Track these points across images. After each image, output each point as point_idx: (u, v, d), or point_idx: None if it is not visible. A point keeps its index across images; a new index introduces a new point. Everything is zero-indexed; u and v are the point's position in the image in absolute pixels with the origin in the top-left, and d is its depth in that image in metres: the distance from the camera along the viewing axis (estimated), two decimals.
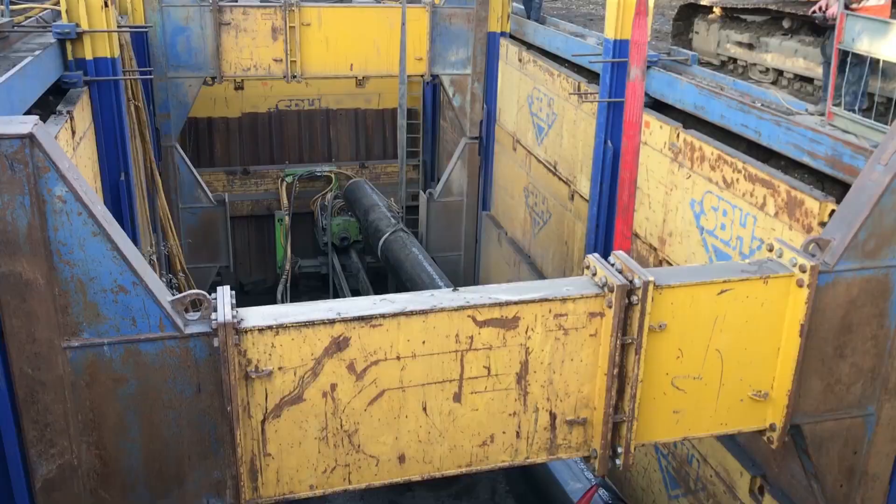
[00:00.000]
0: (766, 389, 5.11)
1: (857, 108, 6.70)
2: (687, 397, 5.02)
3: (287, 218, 15.80)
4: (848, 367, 5.20)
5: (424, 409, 4.63)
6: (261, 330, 4.13)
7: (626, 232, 8.55)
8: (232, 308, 4.10)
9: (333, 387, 4.38)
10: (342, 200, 16.19)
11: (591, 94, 10.03)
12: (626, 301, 4.61)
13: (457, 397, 4.68)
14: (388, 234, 13.41)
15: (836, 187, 6.50)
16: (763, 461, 7.23)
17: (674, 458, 8.55)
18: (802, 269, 4.78)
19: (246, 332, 4.11)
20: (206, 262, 13.79)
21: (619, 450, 4.98)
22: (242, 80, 16.33)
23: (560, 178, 11.30)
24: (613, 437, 4.97)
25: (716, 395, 5.06)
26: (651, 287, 4.58)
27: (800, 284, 4.80)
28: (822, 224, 6.20)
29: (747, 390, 5.09)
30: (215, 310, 4.08)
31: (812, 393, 5.17)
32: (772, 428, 5.19)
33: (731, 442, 7.60)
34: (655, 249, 8.76)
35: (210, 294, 4.19)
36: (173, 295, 4.08)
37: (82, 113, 7.83)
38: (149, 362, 4.01)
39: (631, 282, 4.59)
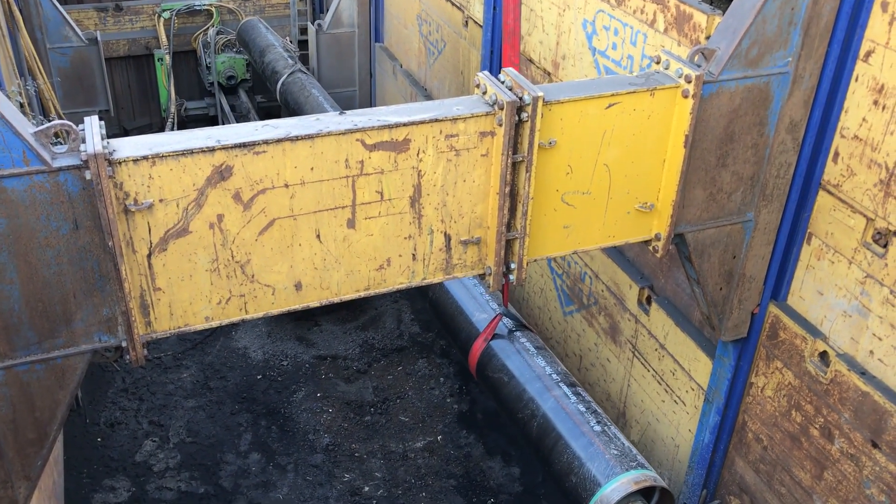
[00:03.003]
0: (652, 201, 5.27)
1: None
2: (576, 212, 5.13)
3: (168, 57, 14.88)
4: (729, 176, 5.39)
5: (318, 236, 4.58)
6: (136, 161, 3.92)
7: (514, 58, 8.42)
8: (102, 139, 3.86)
9: (220, 218, 4.26)
10: (225, 36, 15.31)
11: None
12: (517, 118, 4.57)
13: (350, 223, 4.64)
14: (285, 76, 12.84)
15: (725, 2, 6.49)
16: (650, 273, 7.61)
17: (568, 277, 8.90)
18: (688, 80, 4.82)
19: (120, 163, 3.89)
20: (83, 106, 12.98)
21: (513, 266, 5.11)
22: None
23: (453, 4, 10.93)
24: (507, 254, 5.07)
25: (604, 208, 5.19)
26: (540, 103, 4.54)
27: (685, 95, 4.86)
28: (710, 38, 6.23)
29: (634, 203, 5.24)
30: (84, 141, 3.84)
31: (695, 202, 5.36)
32: (657, 238, 5.41)
33: (620, 257, 7.94)
34: (549, 74, 8.69)
35: (78, 126, 3.92)
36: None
37: None
38: (17, 199, 3.77)
39: (521, 98, 4.54)
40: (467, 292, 7.76)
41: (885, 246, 5.26)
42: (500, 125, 4.57)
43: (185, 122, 15.51)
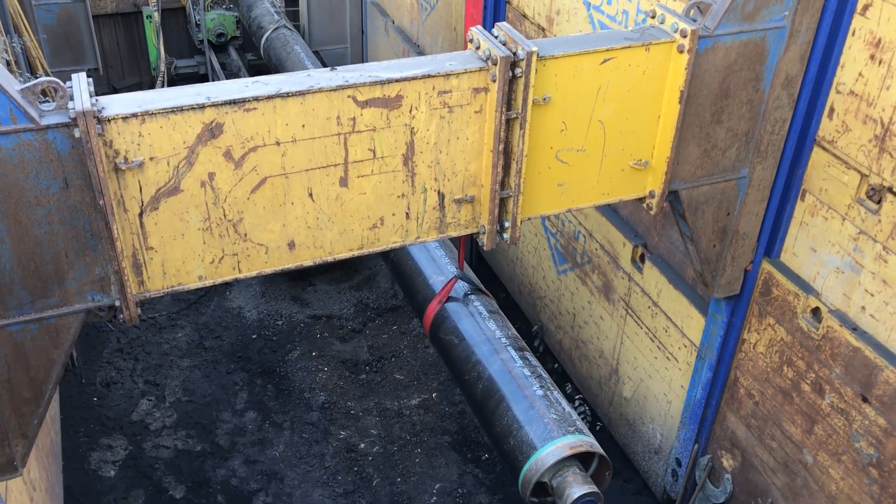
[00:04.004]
0: (647, 158, 5.24)
1: None
2: (571, 170, 5.10)
3: (156, 14, 14.64)
4: (724, 133, 5.36)
5: (311, 195, 4.55)
6: (125, 118, 3.87)
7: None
8: (91, 96, 3.80)
9: (212, 176, 4.22)
10: None
11: None
12: (511, 74, 4.52)
13: (343, 182, 4.60)
14: (269, 32, 12.67)
15: None
16: (644, 231, 7.61)
17: (562, 236, 8.90)
18: (683, 34, 4.76)
19: (109, 121, 3.84)
20: (71, 65, 12.81)
21: (507, 224, 5.09)
22: None
23: None
24: (500, 212, 5.06)
25: (598, 166, 5.16)
26: (534, 58, 4.48)
27: (680, 50, 4.80)
28: None
29: (628, 160, 5.21)
30: (72, 98, 3.78)
31: (690, 159, 5.34)
32: (651, 195, 5.39)
33: (614, 215, 7.93)
34: (543, 29, 8.59)
35: (65, 83, 3.86)
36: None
37: None
38: (5, 158, 3.72)
39: (515, 53, 4.48)
40: (427, 254, 7.74)
41: (878, 202, 5.26)
42: (494, 81, 4.51)
43: (175, 81, 15.32)
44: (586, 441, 5.80)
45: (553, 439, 5.77)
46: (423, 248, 7.85)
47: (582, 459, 5.90)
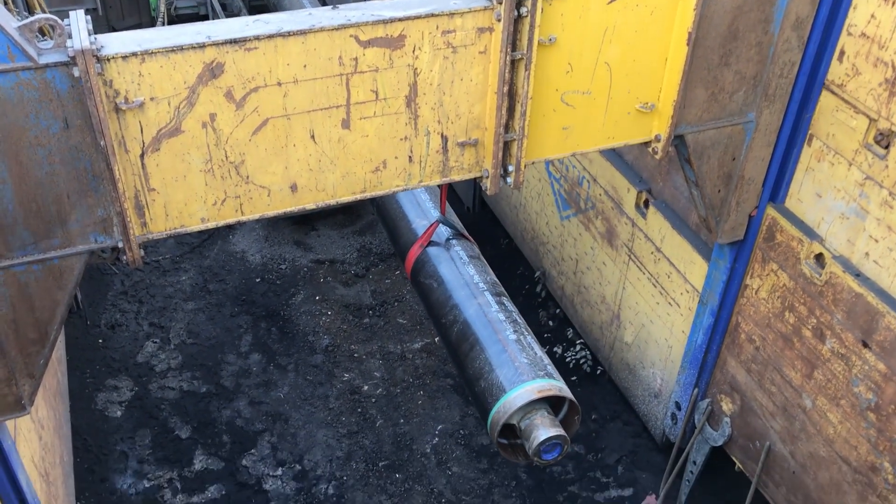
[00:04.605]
0: (653, 101, 5.18)
1: None
2: (576, 113, 5.04)
3: None
4: (732, 76, 5.28)
5: (312, 136, 4.52)
6: (125, 57, 3.82)
7: None
8: (89, 34, 3.75)
9: (213, 117, 4.18)
10: None
11: None
12: (516, 14, 4.44)
13: (345, 123, 4.56)
14: None
15: None
16: (648, 177, 7.56)
17: (566, 181, 8.86)
18: None
19: (108, 60, 3.79)
20: (69, 5, 12.58)
21: (511, 168, 5.05)
22: None
23: None
24: (504, 156, 5.01)
25: (604, 109, 5.10)
26: None
27: None
28: None
29: (634, 103, 5.15)
30: (70, 37, 3.72)
31: (696, 102, 5.27)
32: (657, 139, 5.34)
33: (619, 160, 7.88)
34: None
35: (63, 21, 3.79)
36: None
37: None
38: (4, 97, 3.68)
39: None
40: (412, 198, 7.70)
41: (886, 147, 5.20)
42: (499, 20, 4.43)
43: (175, 22, 15.07)
44: (555, 385, 5.82)
45: (522, 383, 5.79)
46: (408, 191, 7.79)
47: (554, 404, 5.95)
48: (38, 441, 6.17)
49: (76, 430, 8.33)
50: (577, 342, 9.39)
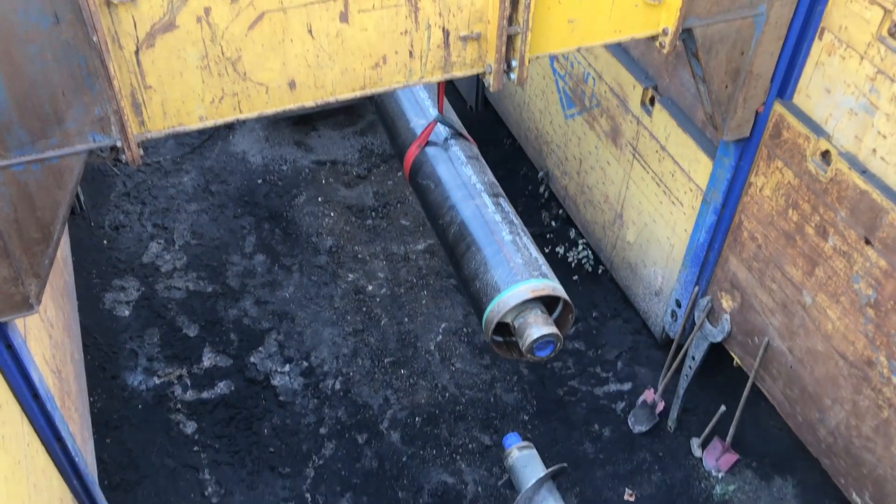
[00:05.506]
0: None
1: None
2: (581, 5, 4.89)
3: None
4: None
5: (310, 31, 4.40)
6: None
7: None
8: None
9: (207, 11, 4.06)
10: None
11: None
12: None
13: (343, 17, 4.43)
14: None
15: None
16: (655, 73, 7.41)
17: (570, 78, 8.69)
18: None
19: None
20: None
21: (514, 63, 4.94)
22: None
23: None
24: (508, 51, 4.90)
25: (610, 1, 4.95)
26: None
27: None
28: None
29: None
30: None
31: None
32: (664, 33, 5.20)
33: (625, 56, 7.70)
34: None
35: None
36: None
37: None
38: None
39: None
40: (411, 97, 7.55)
41: None
42: None
43: None
44: (549, 284, 5.86)
45: (517, 282, 5.84)
46: (407, 89, 7.65)
47: (549, 304, 6.00)
48: (49, 339, 6.28)
49: (85, 329, 8.47)
50: (580, 242, 9.43)
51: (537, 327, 5.68)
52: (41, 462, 5.39)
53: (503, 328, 6.03)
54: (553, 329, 5.70)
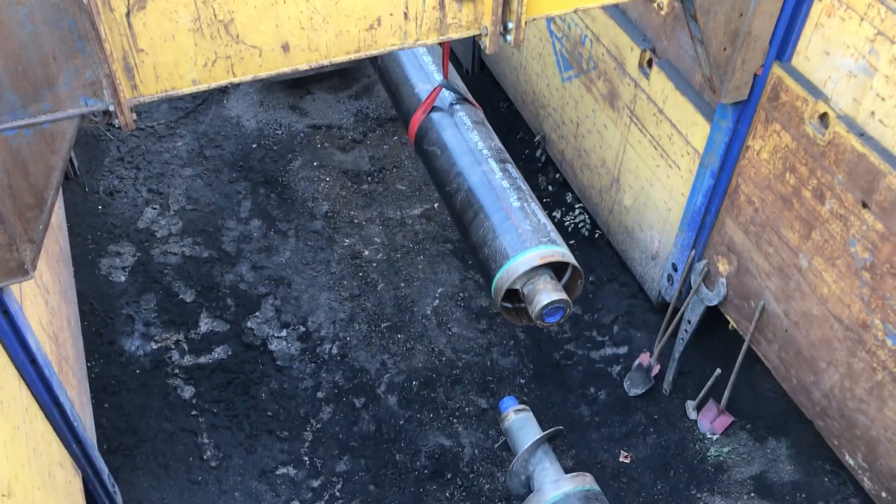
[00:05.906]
0: None
1: None
2: None
3: None
4: None
5: None
6: None
7: None
8: None
9: None
10: None
11: None
12: None
13: None
14: None
15: None
16: (653, 35, 7.34)
17: (568, 41, 8.61)
18: None
19: None
20: None
21: (511, 25, 4.88)
22: None
23: None
24: (504, 12, 4.83)
25: None
26: None
27: None
28: None
29: None
30: None
31: None
32: None
33: (623, 18, 7.62)
34: None
35: None
36: None
37: None
38: None
39: None
40: (415, 60, 7.45)
41: None
42: None
43: None
44: (558, 251, 5.87)
45: (526, 249, 5.84)
46: (411, 54, 7.58)
47: (557, 269, 6.01)
48: (45, 305, 6.28)
49: (82, 295, 8.47)
50: (577, 206, 9.41)
51: (547, 293, 5.70)
52: (40, 427, 5.42)
53: (512, 294, 6.04)
54: (562, 295, 5.72)
